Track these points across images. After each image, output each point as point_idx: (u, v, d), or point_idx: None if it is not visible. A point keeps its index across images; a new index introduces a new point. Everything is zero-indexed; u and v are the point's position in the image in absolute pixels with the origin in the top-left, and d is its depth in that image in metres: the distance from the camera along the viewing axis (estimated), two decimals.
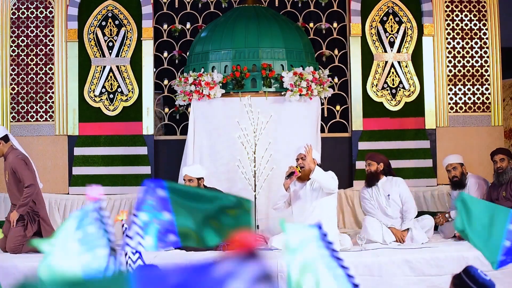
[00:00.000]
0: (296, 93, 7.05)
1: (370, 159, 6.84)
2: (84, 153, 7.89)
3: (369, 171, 6.81)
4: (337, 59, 8.22)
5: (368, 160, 6.85)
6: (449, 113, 8.08)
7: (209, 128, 7.18)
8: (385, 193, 6.71)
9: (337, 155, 7.94)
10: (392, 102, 8.03)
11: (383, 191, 6.73)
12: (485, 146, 8.01)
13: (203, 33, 7.59)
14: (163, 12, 8.30)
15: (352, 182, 7.91)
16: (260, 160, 6.89)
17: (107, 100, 7.97)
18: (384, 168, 6.79)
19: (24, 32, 8.01)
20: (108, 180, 7.88)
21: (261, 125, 6.93)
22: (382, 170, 6.79)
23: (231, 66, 7.22)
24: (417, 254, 5.93)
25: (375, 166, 6.78)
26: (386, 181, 6.77)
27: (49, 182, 7.85)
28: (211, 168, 6.97)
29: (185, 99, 7.25)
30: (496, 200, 6.75)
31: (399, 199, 6.70)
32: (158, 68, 8.22)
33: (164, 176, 7.95)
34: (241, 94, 7.12)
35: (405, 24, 8.10)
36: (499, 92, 8.10)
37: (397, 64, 8.06)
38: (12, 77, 7.98)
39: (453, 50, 8.12)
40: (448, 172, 7.05)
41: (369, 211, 6.73)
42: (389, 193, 6.71)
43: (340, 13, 8.28)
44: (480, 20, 8.15)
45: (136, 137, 7.93)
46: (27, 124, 7.96)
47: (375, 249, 6.13)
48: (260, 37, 7.32)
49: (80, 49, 7.98)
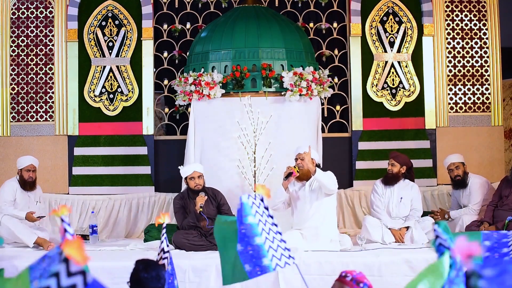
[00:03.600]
0: (296, 93, 7.05)
1: (394, 159, 6.75)
2: (84, 153, 7.89)
3: (390, 172, 6.73)
4: (337, 59, 8.22)
5: (392, 160, 6.75)
6: (449, 113, 8.08)
7: (209, 128, 7.18)
8: (399, 196, 6.69)
9: (337, 155, 7.94)
10: (392, 102, 8.03)
11: (397, 193, 6.70)
12: (485, 146, 8.01)
13: (203, 33, 7.59)
14: (163, 12, 8.30)
15: (352, 182, 7.91)
16: (260, 160, 6.89)
17: (107, 100, 7.97)
18: (405, 171, 6.76)
19: (24, 32, 8.02)
20: (108, 180, 7.88)
21: (261, 125, 6.93)
22: (403, 173, 6.75)
23: (231, 66, 7.22)
24: (417, 254, 5.92)
25: (398, 168, 6.71)
26: (403, 184, 6.74)
27: (49, 182, 7.85)
28: (211, 168, 6.97)
29: (185, 99, 7.25)
30: (505, 197, 6.71)
31: (409, 204, 6.68)
32: (158, 68, 8.22)
33: (164, 176, 7.96)
34: (241, 94, 7.12)
35: (405, 24, 8.10)
36: (499, 92, 8.11)
37: (397, 64, 8.06)
38: (12, 77, 7.98)
39: (453, 50, 8.12)
40: (450, 171, 7.03)
41: (374, 207, 6.70)
42: (402, 196, 6.69)
43: (340, 13, 8.28)
44: (480, 20, 8.16)
45: (136, 137, 7.93)
46: (27, 124, 7.96)
47: (375, 249, 6.13)
48: (260, 37, 7.32)
49: (80, 49, 7.98)
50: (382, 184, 6.77)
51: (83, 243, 2.10)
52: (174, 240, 6.35)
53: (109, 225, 7.69)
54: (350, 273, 3.13)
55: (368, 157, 7.88)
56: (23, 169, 6.84)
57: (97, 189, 7.85)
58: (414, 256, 5.86)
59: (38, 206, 6.91)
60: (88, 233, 7.08)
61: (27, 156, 7.08)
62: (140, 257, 3.25)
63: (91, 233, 7.02)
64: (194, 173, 6.49)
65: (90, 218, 7.34)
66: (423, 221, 6.69)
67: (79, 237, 2.33)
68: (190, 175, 6.50)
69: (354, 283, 3.07)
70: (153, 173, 7.89)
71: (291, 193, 6.34)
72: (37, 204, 6.91)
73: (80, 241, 2.07)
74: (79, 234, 7.29)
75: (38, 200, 6.95)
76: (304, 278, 3.72)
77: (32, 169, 6.86)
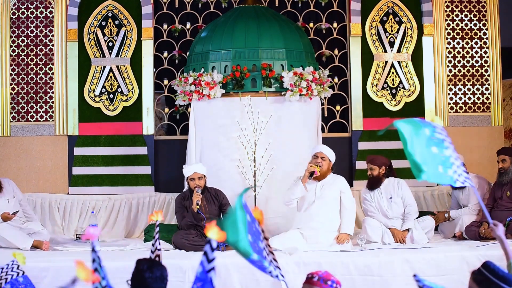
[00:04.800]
0: (296, 93, 7.04)
1: (371, 163, 6.77)
2: (84, 153, 7.89)
3: (370, 175, 6.77)
4: (337, 59, 8.22)
5: (369, 164, 6.78)
6: (449, 113, 8.08)
7: (209, 128, 7.18)
8: (387, 196, 6.69)
9: (337, 155, 7.88)
10: (392, 102, 8.03)
11: (385, 193, 6.70)
12: (485, 146, 8.01)
13: (203, 33, 7.59)
14: (163, 12, 8.29)
15: (352, 182, 7.90)
16: (260, 160, 6.89)
17: (107, 100, 7.97)
18: (386, 170, 6.77)
19: (24, 32, 8.01)
20: (108, 180, 7.88)
21: (261, 125, 6.93)
22: (384, 173, 6.76)
23: (231, 66, 7.22)
24: (417, 254, 5.92)
25: (377, 170, 6.72)
26: (388, 183, 6.74)
27: (49, 182, 7.85)
28: (211, 168, 6.97)
29: (185, 99, 7.25)
30: (499, 199, 6.74)
31: (401, 202, 6.68)
32: (158, 68, 8.22)
33: (164, 176, 7.96)
34: (241, 94, 7.12)
35: (405, 24, 8.10)
36: (499, 92, 8.11)
37: (397, 64, 8.06)
38: (12, 77, 7.98)
39: (453, 50, 8.12)
40: None
41: (369, 213, 6.72)
42: (391, 195, 6.69)
43: (340, 13, 8.28)
44: (480, 20, 8.16)
45: (136, 137, 7.93)
46: (27, 124, 7.96)
47: (375, 249, 6.12)
48: (260, 37, 7.31)
49: (80, 49, 7.98)
50: (368, 191, 6.78)
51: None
52: (174, 240, 6.35)
53: (109, 225, 7.69)
54: (316, 274, 3.17)
55: None
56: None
57: (97, 189, 7.85)
58: (414, 256, 5.86)
59: (12, 202, 6.71)
60: None
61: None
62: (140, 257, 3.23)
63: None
64: (194, 174, 6.49)
65: (90, 218, 7.35)
66: (423, 220, 6.69)
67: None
68: (190, 176, 6.50)
69: (322, 282, 3.10)
70: (153, 173, 7.89)
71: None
72: (9, 201, 6.70)
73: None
74: (79, 234, 7.31)
75: (10, 197, 6.73)
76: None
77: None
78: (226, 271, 5.69)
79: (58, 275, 5.62)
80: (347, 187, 6.46)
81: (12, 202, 6.75)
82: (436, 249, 6.11)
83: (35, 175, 7.86)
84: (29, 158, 7.87)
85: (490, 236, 6.42)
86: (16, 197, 6.84)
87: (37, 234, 6.59)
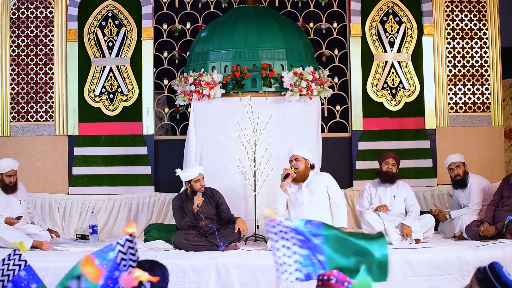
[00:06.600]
0: (296, 93, 7.04)
1: (395, 159, 6.87)
2: (84, 153, 7.89)
3: (390, 172, 6.82)
4: (337, 59, 8.22)
5: (393, 160, 6.85)
6: (449, 113, 8.08)
7: (209, 128, 7.18)
8: (392, 194, 6.77)
9: (337, 155, 7.94)
10: (392, 102, 8.03)
11: (390, 191, 6.79)
12: (485, 146, 8.01)
13: (203, 33, 7.59)
14: (163, 12, 8.30)
15: (352, 182, 7.91)
16: (260, 160, 6.89)
17: (107, 100, 7.97)
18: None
19: (24, 32, 8.02)
20: (108, 180, 7.88)
21: (261, 125, 6.93)
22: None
23: (231, 66, 7.22)
24: (417, 254, 5.92)
25: (396, 168, 6.85)
26: (395, 184, 6.87)
27: (49, 182, 7.86)
28: (211, 167, 6.97)
29: (185, 99, 7.25)
30: (507, 198, 6.70)
31: (403, 202, 6.75)
32: (158, 68, 8.22)
33: (164, 176, 7.96)
34: (241, 94, 7.12)
35: (405, 24, 8.10)
36: (499, 92, 8.11)
37: (397, 64, 8.06)
38: (12, 77, 7.98)
39: (453, 50, 8.12)
40: (451, 170, 7.03)
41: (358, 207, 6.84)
42: (395, 194, 6.76)
43: (340, 13, 8.28)
44: (480, 20, 8.16)
45: (136, 137, 7.93)
46: (27, 124, 7.96)
47: None
48: (260, 37, 7.31)
49: (80, 49, 7.98)
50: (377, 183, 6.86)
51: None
52: (174, 240, 6.35)
53: (109, 225, 7.69)
54: (332, 275, 3.13)
55: (368, 157, 7.87)
56: (3, 174, 6.77)
57: (97, 189, 7.85)
58: (414, 256, 5.86)
59: (23, 204, 6.83)
60: (88, 233, 7.08)
61: (7, 159, 6.92)
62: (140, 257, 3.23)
63: (91, 233, 7.02)
64: (200, 175, 6.49)
65: (90, 218, 7.34)
66: (423, 218, 6.70)
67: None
68: (196, 177, 6.47)
69: (340, 283, 3.07)
70: (153, 173, 7.89)
71: (289, 196, 6.38)
72: (21, 203, 6.82)
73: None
74: (79, 234, 7.31)
75: (21, 199, 6.85)
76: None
77: (13, 174, 6.79)
78: (226, 271, 5.69)
79: (58, 275, 5.61)
80: (333, 182, 6.48)
81: (23, 204, 6.89)
82: (436, 249, 6.11)
83: (35, 175, 7.86)
84: (29, 158, 7.87)
85: (489, 235, 6.43)
86: (26, 200, 6.98)
87: (37, 235, 6.61)
